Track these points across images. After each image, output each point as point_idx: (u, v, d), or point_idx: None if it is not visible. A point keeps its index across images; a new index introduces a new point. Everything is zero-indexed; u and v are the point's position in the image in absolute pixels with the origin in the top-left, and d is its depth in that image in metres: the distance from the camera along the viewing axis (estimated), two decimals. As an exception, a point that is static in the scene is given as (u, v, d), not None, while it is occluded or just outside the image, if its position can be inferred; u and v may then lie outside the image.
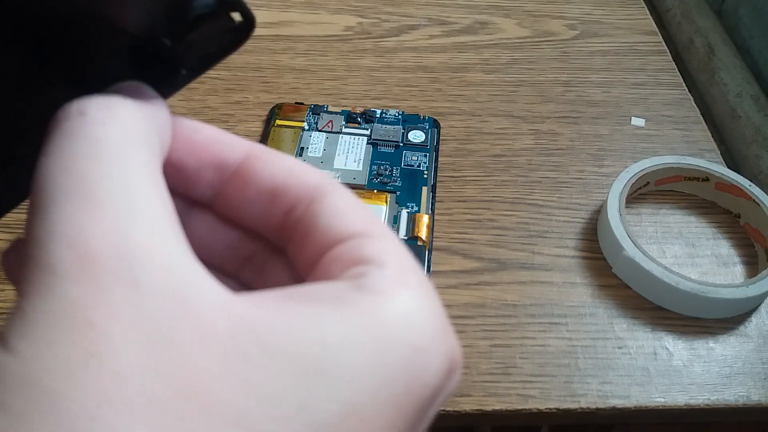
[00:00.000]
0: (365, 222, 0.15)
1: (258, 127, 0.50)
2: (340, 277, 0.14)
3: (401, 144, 0.49)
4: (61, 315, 0.11)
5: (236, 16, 0.17)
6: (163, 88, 0.16)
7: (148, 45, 0.16)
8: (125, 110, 0.14)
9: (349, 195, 0.16)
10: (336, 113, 0.51)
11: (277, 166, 0.16)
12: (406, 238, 0.42)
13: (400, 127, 0.50)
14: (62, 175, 0.12)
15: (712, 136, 0.52)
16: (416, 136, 0.49)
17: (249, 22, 0.17)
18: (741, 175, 0.46)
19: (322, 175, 0.16)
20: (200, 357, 0.11)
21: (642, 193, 0.47)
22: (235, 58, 0.56)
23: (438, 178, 0.47)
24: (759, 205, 0.44)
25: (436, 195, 0.46)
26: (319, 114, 0.51)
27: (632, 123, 0.53)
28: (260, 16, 0.61)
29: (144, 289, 0.11)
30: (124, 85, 0.15)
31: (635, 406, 0.36)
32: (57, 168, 0.12)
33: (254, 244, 0.17)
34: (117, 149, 0.13)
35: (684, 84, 0.57)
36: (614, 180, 0.44)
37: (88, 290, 0.11)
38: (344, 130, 0.49)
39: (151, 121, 0.14)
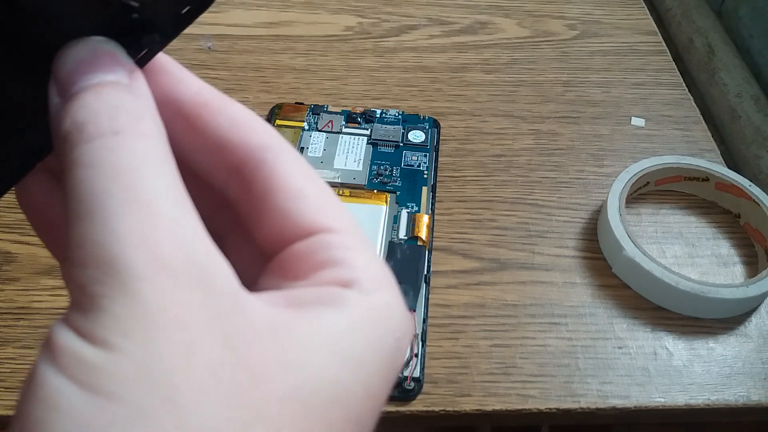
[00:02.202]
0: (324, 209, 0.15)
1: (258, 127, 0.50)
2: (318, 276, 0.14)
3: (401, 144, 0.49)
4: (155, 315, 0.12)
5: None
6: (137, 56, 0.16)
7: (115, 10, 0.16)
8: (139, 110, 0.14)
9: (299, 162, 0.15)
10: (336, 113, 0.51)
11: (223, 118, 0.16)
12: (406, 238, 0.42)
13: (400, 127, 0.50)
14: (114, 186, 0.13)
15: (712, 136, 0.52)
16: (416, 136, 0.49)
17: None
18: (741, 175, 0.46)
19: (269, 134, 0.16)
20: (262, 349, 0.12)
21: (642, 193, 0.47)
22: (235, 58, 0.56)
23: (438, 178, 0.47)
24: (759, 205, 0.44)
25: (436, 195, 0.46)
26: (319, 114, 0.51)
27: (632, 123, 0.53)
28: (260, 16, 0.61)
29: (214, 291, 0.12)
30: (94, 48, 0.15)
31: (635, 406, 0.36)
32: (105, 179, 0.13)
33: (210, 198, 0.17)
34: (153, 161, 0.13)
35: (684, 84, 0.57)
36: (614, 180, 0.44)
37: (171, 292, 0.12)
38: (344, 130, 0.49)
39: (155, 112, 0.15)
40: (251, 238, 0.16)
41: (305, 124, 0.50)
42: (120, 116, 0.14)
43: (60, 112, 0.14)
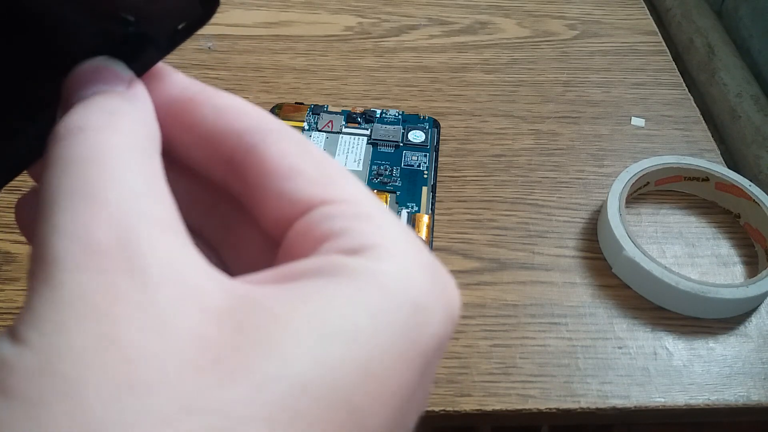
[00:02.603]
0: (323, 180, 0.14)
1: (258, 127, 0.50)
2: (320, 250, 0.13)
3: (401, 144, 0.49)
4: (71, 304, 0.11)
5: None
6: (134, 68, 0.16)
7: (112, 23, 0.16)
8: (121, 110, 0.14)
9: (288, 138, 0.15)
10: (336, 113, 0.51)
11: (207, 108, 0.15)
12: (406, 238, 0.42)
13: (400, 127, 0.50)
14: (65, 180, 0.13)
15: (712, 136, 0.52)
16: (416, 136, 0.49)
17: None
18: (741, 175, 0.46)
19: (258, 116, 0.15)
20: (208, 332, 0.11)
21: (642, 193, 0.47)
22: (235, 58, 0.56)
23: (438, 178, 0.47)
24: (759, 205, 0.44)
25: (436, 195, 0.46)
26: (319, 114, 0.51)
27: (632, 123, 0.53)
28: (260, 16, 0.61)
29: (147, 276, 0.12)
30: (95, 65, 0.15)
31: (635, 406, 0.36)
32: (60, 175, 0.13)
33: (214, 193, 0.17)
34: (116, 151, 0.13)
35: (684, 84, 0.57)
36: (614, 180, 0.44)
37: (95, 280, 0.11)
38: (344, 130, 0.49)
39: (147, 114, 0.15)
40: (260, 228, 0.15)
41: (305, 124, 0.50)
42: (90, 115, 0.14)
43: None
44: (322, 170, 0.14)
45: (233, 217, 0.17)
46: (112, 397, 0.10)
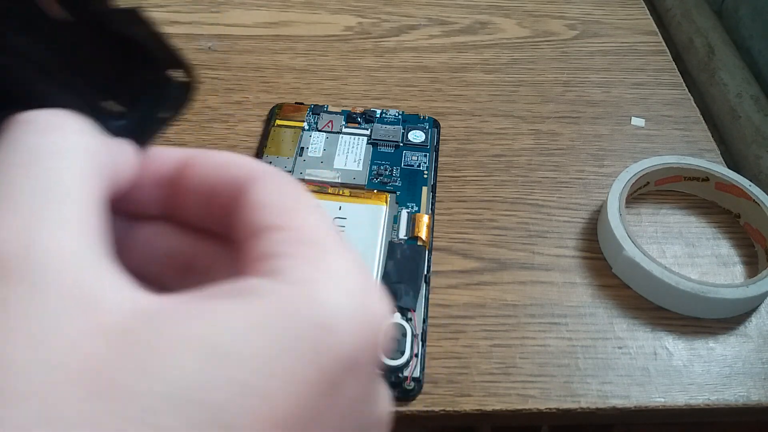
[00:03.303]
0: (282, 211, 0.15)
1: (258, 127, 0.50)
2: (252, 272, 0.14)
3: (401, 144, 0.49)
4: None
5: (180, 75, 0.17)
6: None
7: (93, 109, 0.16)
8: (70, 122, 0.14)
9: (276, 180, 0.15)
10: (336, 113, 0.51)
11: (207, 168, 0.16)
12: (406, 238, 0.42)
13: (400, 127, 0.50)
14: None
15: (712, 136, 0.52)
16: (416, 136, 0.49)
17: (191, 81, 0.18)
18: (741, 175, 0.46)
19: (252, 165, 0.16)
20: (93, 346, 0.11)
21: (642, 193, 0.47)
22: (235, 58, 0.56)
23: (438, 178, 0.47)
24: (759, 205, 0.44)
25: (436, 195, 0.46)
26: (319, 114, 0.51)
27: (632, 123, 0.53)
28: (260, 16, 0.61)
29: (43, 287, 0.12)
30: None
31: (635, 406, 0.36)
32: None
33: (193, 249, 0.17)
34: (49, 157, 0.13)
35: (684, 84, 0.57)
36: (614, 180, 0.44)
37: None
38: (344, 130, 0.49)
39: (98, 140, 0.15)
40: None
41: (305, 124, 0.50)
42: (39, 114, 0.14)
43: None
44: (288, 203, 0.15)
45: (213, 269, 0.17)
46: None
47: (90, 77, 0.16)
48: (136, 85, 0.17)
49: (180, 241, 0.17)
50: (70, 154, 0.14)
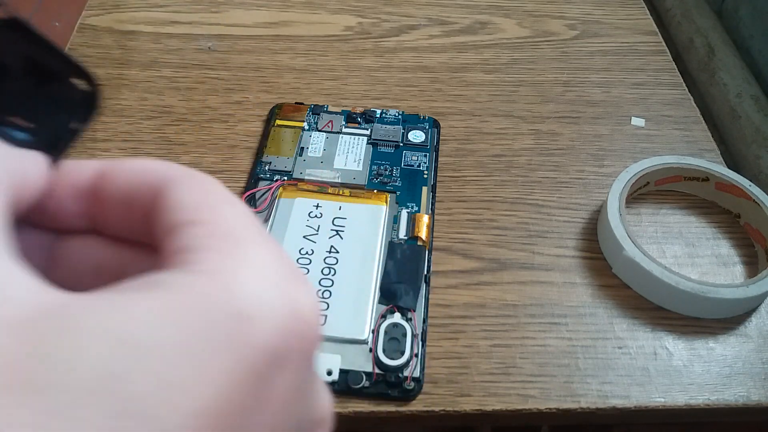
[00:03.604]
0: (197, 207, 0.15)
1: (258, 127, 0.50)
2: (165, 267, 0.14)
3: (401, 144, 0.49)
4: None
5: (83, 84, 0.17)
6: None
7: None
8: None
9: (192, 180, 0.15)
10: (336, 113, 0.51)
11: (122, 176, 0.16)
12: (406, 238, 0.42)
13: (400, 127, 0.50)
14: None
15: (712, 136, 0.52)
16: (416, 136, 0.49)
17: (95, 89, 0.17)
18: (741, 175, 0.46)
19: (168, 168, 0.16)
20: (1, 340, 0.11)
21: (642, 193, 0.47)
22: (235, 58, 0.56)
23: (438, 178, 0.47)
24: (759, 205, 0.44)
25: (436, 195, 0.46)
26: (319, 114, 0.51)
27: (632, 123, 0.53)
28: (260, 16, 0.61)
29: None
30: None
31: (635, 406, 0.36)
32: None
33: (121, 260, 0.17)
34: None
35: (684, 84, 0.57)
36: (614, 180, 0.44)
37: None
38: (344, 130, 0.49)
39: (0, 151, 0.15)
40: None
41: (305, 124, 0.50)
42: None
43: None
44: (205, 199, 0.15)
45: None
46: None
47: None
48: (41, 99, 0.17)
49: (108, 253, 0.17)
50: None
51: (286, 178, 0.46)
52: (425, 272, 0.41)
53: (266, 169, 0.46)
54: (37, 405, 0.11)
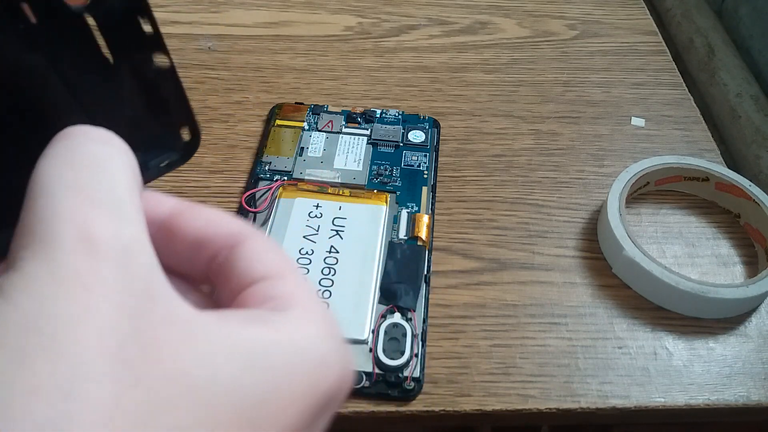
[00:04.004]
0: (278, 265, 0.18)
1: (258, 127, 0.50)
2: (257, 308, 0.16)
3: (401, 144, 0.49)
4: (64, 279, 0.13)
5: (185, 134, 0.19)
6: None
7: None
8: (118, 139, 0.17)
9: (265, 240, 0.18)
10: (336, 113, 0.51)
11: (201, 220, 0.18)
12: (406, 238, 0.42)
13: (400, 127, 0.50)
14: (68, 173, 0.15)
15: (712, 136, 0.52)
16: (416, 136, 0.49)
17: (196, 142, 0.20)
18: (741, 175, 0.46)
19: (242, 224, 0.18)
20: (165, 333, 0.14)
21: (642, 193, 0.47)
22: (235, 58, 0.56)
23: (438, 178, 0.47)
24: (759, 205, 0.44)
25: (436, 195, 0.46)
26: (319, 114, 0.51)
27: (632, 123, 0.53)
28: (260, 16, 0.61)
29: (130, 271, 0.14)
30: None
31: (635, 406, 0.36)
32: (63, 168, 0.15)
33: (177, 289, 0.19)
34: (112, 165, 0.16)
35: (684, 84, 0.57)
36: (614, 180, 0.44)
37: (87, 264, 0.13)
38: (344, 130, 0.49)
39: (133, 157, 0.17)
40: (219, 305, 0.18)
41: (305, 124, 0.50)
42: (94, 129, 0.16)
43: None
44: (279, 259, 0.18)
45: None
46: (87, 360, 0.12)
47: (110, 114, 0.18)
48: (146, 132, 0.18)
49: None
50: (125, 167, 0.16)
51: (286, 178, 0.46)
52: (425, 272, 0.41)
53: (266, 169, 0.46)
54: (167, 391, 0.13)
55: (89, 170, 0.15)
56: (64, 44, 0.17)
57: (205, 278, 0.18)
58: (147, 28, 0.17)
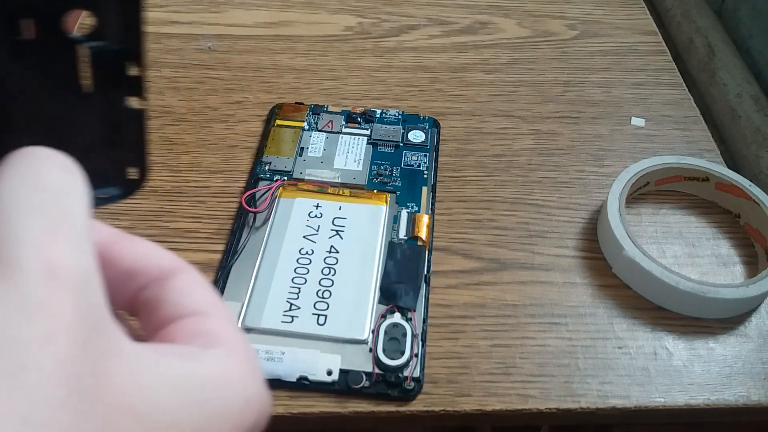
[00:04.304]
0: (207, 301, 0.18)
1: (258, 127, 0.50)
2: (186, 342, 0.17)
3: (401, 144, 0.49)
4: (26, 305, 0.13)
5: (133, 173, 0.20)
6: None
7: None
8: (77, 167, 0.17)
9: (195, 275, 0.19)
10: (336, 113, 0.51)
11: (135, 251, 0.18)
12: (406, 238, 0.42)
13: (400, 127, 0.50)
14: (33, 198, 0.15)
15: (712, 136, 0.52)
16: (416, 136, 0.49)
17: (140, 182, 0.20)
18: (741, 175, 0.46)
19: (175, 257, 0.19)
20: (113, 365, 0.14)
21: (642, 193, 0.47)
22: (235, 58, 0.56)
23: (438, 178, 0.47)
24: (759, 205, 0.44)
25: (436, 195, 0.46)
26: (319, 114, 0.51)
27: (632, 123, 0.53)
28: (260, 16, 0.61)
29: (86, 303, 0.14)
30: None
31: (635, 406, 0.36)
32: (28, 192, 0.15)
33: None
34: (73, 194, 0.16)
35: (684, 84, 0.57)
36: (614, 180, 0.44)
37: (49, 292, 0.14)
38: (344, 130, 0.49)
39: (89, 188, 0.17)
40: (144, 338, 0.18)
41: (305, 124, 0.50)
42: (56, 154, 0.16)
43: None
44: (209, 295, 0.18)
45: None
46: (46, 386, 0.13)
47: (67, 135, 0.18)
48: (96, 162, 0.18)
49: None
50: (82, 196, 0.16)
51: (286, 178, 0.46)
52: (425, 272, 0.41)
53: (266, 169, 0.46)
54: (117, 419, 0.13)
55: (54, 197, 0.15)
56: (48, 62, 0.17)
57: (129, 308, 0.19)
58: (134, 72, 0.18)
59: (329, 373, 0.36)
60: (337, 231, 0.42)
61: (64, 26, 0.17)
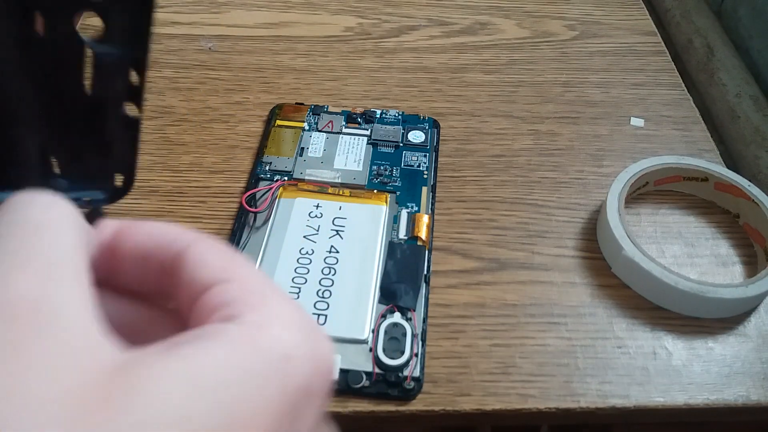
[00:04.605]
0: (223, 266, 0.17)
1: (258, 127, 0.50)
2: (209, 320, 0.16)
3: (401, 144, 0.49)
4: None
5: (119, 180, 0.20)
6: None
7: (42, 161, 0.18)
8: (62, 202, 0.17)
9: (206, 242, 0.17)
10: (336, 113, 0.51)
11: (140, 234, 0.18)
12: (406, 238, 0.42)
13: (400, 127, 0.50)
14: (4, 234, 0.15)
15: (712, 137, 0.52)
16: (416, 136, 0.49)
17: (125, 189, 0.20)
18: (740, 175, 0.46)
19: (181, 230, 0.18)
20: (84, 388, 0.13)
21: (641, 193, 0.47)
22: (235, 59, 0.56)
23: (438, 178, 0.47)
24: (758, 205, 0.44)
25: (436, 195, 0.46)
26: (319, 114, 0.51)
27: (631, 123, 0.53)
28: (261, 16, 0.61)
29: (47, 334, 0.14)
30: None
31: (635, 406, 0.36)
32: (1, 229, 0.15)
33: (141, 315, 0.19)
34: (52, 229, 0.16)
35: (683, 84, 0.57)
36: (614, 180, 0.44)
37: (4, 326, 0.13)
38: (344, 130, 0.50)
39: (81, 218, 0.17)
40: (182, 319, 0.17)
41: (305, 125, 0.50)
42: (39, 195, 0.16)
43: None
44: (224, 261, 0.17)
45: (163, 332, 0.19)
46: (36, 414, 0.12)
47: (59, 136, 0.18)
48: (84, 165, 0.19)
49: (116, 305, 0.19)
50: (68, 229, 0.16)
51: (286, 178, 0.46)
52: (425, 272, 0.41)
53: (266, 169, 0.46)
54: None
55: (24, 234, 0.15)
56: (54, 60, 0.17)
57: (162, 293, 0.18)
58: (135, 79, 0.18)
59: (329, 372, 0.36)
60: (337, 231, 0.42)
61: (75, 25, 0.17)
